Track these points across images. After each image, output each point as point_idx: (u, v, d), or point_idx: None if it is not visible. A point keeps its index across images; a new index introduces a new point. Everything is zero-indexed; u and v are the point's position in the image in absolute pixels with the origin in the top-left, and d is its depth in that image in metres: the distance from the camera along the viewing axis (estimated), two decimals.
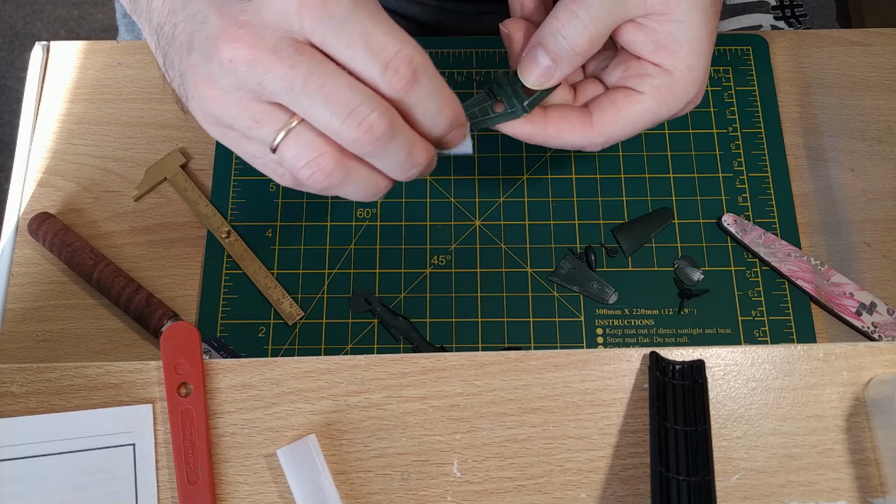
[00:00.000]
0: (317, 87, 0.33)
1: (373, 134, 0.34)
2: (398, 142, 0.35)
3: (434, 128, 0.37)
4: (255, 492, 0.43)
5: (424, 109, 0.36)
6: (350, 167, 0.36)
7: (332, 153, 0.35)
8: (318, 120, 0.34)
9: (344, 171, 0.35)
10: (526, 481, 0.43)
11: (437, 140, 0.38)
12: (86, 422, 0.44)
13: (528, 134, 0.43)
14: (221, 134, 0.37)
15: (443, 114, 0.36)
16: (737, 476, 0.44)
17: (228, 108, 0.35)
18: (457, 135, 0.38)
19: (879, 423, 0.44)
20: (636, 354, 0.46)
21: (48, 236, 0.55)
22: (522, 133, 0.43)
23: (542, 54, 0.41)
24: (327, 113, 0.34)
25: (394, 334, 0.55)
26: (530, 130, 0.42)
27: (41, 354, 0.54)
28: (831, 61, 0.63)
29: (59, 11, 1.57)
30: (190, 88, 0.36)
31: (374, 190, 0.37)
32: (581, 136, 0.42)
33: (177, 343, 0.44)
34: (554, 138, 0.42)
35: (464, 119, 0.38)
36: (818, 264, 0.56)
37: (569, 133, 0.42)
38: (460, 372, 0.45)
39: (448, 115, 0.37)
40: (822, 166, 0.60)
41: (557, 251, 0.57)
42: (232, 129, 0.37)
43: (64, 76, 0.62)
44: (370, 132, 0.34)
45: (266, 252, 0.57)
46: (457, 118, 0.37)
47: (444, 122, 0.37)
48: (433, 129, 0.37)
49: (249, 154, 0.37)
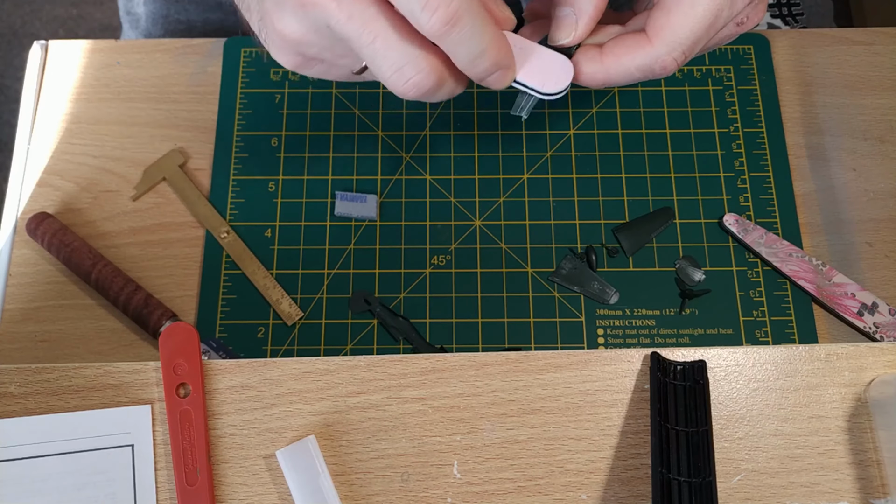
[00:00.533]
0: (368, 42, 0.35)
1: (418, 90, 0.36)
2: (444, 91, 0.37)
3: (475, 69, 0.37)
4: (254, 493, 0.43)
5: (464, 50, 0.35)
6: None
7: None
8: (374, 68, 0.36)
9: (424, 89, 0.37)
10: (526, 482, 0.43)
11: (479, 81, 0.38)
12: (84, 423, 0.44)
13: (586, 71, 0.40)
14: (308, 68, 0.40)
15: (485, 56, 0.36)
16: (738, 477, 0.43)
17: (310, 45, 0.38)
18: (501, 77, 0.38)
19: (881, 424, 0.44)
20: (637, 355, 0.45)
21: (46, 236, 0.55)
22: (582, 72, 0.40)
23: (560, 8, 0.40)
24: (378, 65, 0.36)
25: (394, 335, 0.55)
26: (588, 67, 0.40)
27: (39, 355, 0.54)
28: (833, 60, 0.62)
29: (58, 10, 1.56)
30: (270, 31, 0.38)
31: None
32: (642, 55, 0.39)
33: (175, 343, 0.44)
34: (615, 68, 0.40)
35: (509, 62, 0.38)
36: (820, 264, 0.56)
37: (628, 56, 0.40)
38: (460, 373, 0.45)
39: (491, 57, 0.36)
40: (824, 166, 0.59)
41: (558, 251, 0.57)
42: (319, 61, 0.39)
43: (62, 75, 0.62)
44: (416, 88, 0.36)
45: (265, 252, 0.57)
46: (500, 60, 0.37)
47: (485, 63, 0.36)
48: (474, 70, 0.37)
49: (338, 77, 0.41)
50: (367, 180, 0.59)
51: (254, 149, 0.60)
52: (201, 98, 0.61)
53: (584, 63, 0.41)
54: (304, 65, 0.40)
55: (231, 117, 0.61)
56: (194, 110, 0.61)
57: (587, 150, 0.60)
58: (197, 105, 0.61)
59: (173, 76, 0.62)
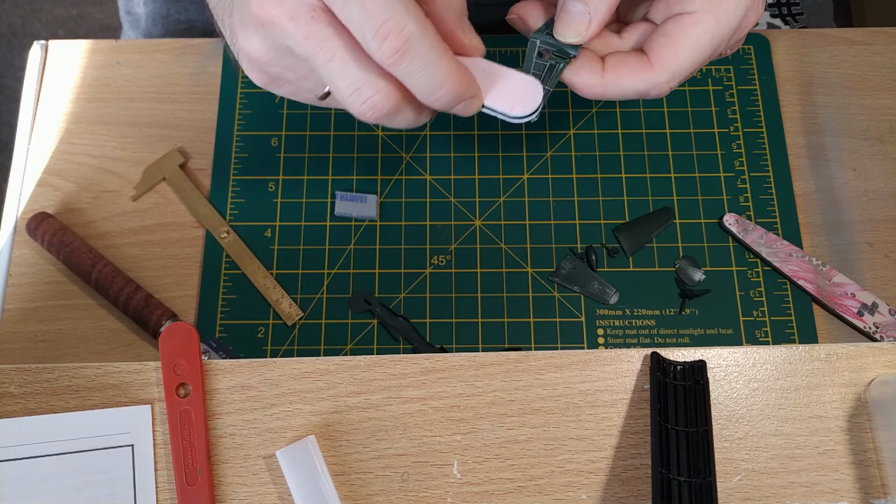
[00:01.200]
0: (325, 62, 0.35)
1: (376, 111, 0.36)
2: (404, 116, 0.37)
3: (434, 101, 0.36)
4: (254, 493, 0.43)
5: (420, 82, 0.35)
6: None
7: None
8: (331, 88, 0.36)
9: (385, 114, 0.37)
10: (526, 482, 0.43)
11: (444, 110, 0.37)
12: (84, 423, 0.44)
13: (586, 83, 0.40)
14: (276, 86, 0.40)
15: (444, 86, 0.35)
16: (738, 477, 0.43)
17: (272, 65, 0.38)
18: (466, 107, 0.37)
19: (881, 424, 0.44)
20: (637, 355, 0.45)
21: (46, 236, 0.55)
22: (582, 82, 0.40)
23: (572, 3, 0.39)
24: (335, 85, 0.35)
25: (394, 335, 0.55)
26: (588, 80, 0.40)
27: (39, 355, 0.54)
28: (833, 60, 0.62)
29: (58, 10, 1.56)
30: (238, 47, 0.39)
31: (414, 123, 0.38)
32: (642, 80, 0.40)
33: (175, 343, 0.44)
34: (614, 87, 0.40)
35: (472, 91, 0.37)
36: (820, 264, 0.56)
37: (628, 78, 0.40)
38: (460, 373, 0.45)
39: (450, 87, 0.35)
40: (824, 166, 0.59)
41: (558, 251, 0.57)
42: (285, 82, 0.39)
43: (62, 75, 0.62)
44: (373, 109, 0.36)
45: (265, 252, 0.57)
46: (461, 92, 0.36)
47: (444, 94, 0.35)
48: (433, 101, 0.36)
49: (306, 100, 0.41)
50: (367, 180, 0.59)
51: (254, 149, 0.60)
52: (201, 98, 0.61)
53: (586, 73, 0.40)
54: (272, 84, 0.40)
55: (231, 117, 0.61)
56: (194, 110, 0.61)
57: (587, 150, 0.60)
58: (197, 105, 0.61)
59: (173, 76, 0.62)
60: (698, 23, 0.39)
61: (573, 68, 0.40)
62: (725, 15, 0.39)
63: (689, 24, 0.39)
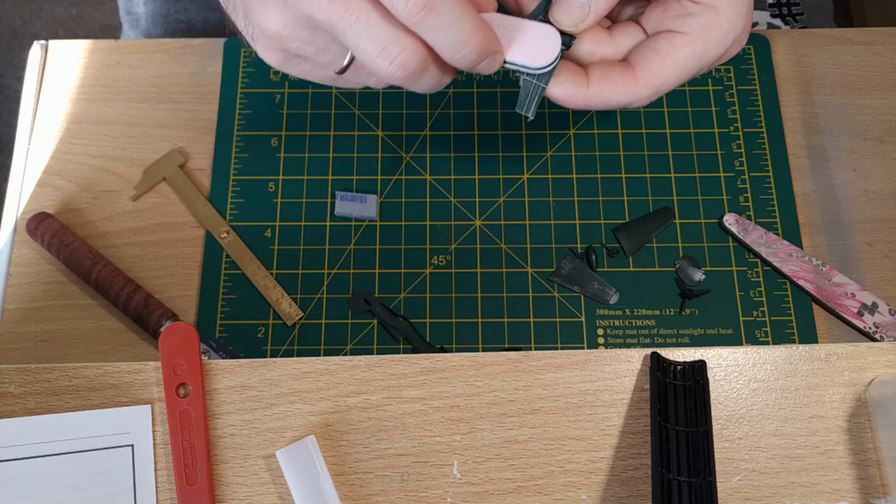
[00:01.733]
0: (351, 24, 0.34)
1: (405, 69, 0.36)
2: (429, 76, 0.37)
3: (459, 57, 0.36)
4: (254, 493, 0.43)
5: (444, 39, 0.35)
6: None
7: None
8: (358, 52, 0.36)
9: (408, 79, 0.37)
10: (526, 482, 0.43)
11: (467, 68, 0.37)
12: (84, 423, 0.44)
13: (569, 95, 0.40)
14: (292, 65, 0.40)
15: (469, 43, 0.35)
16: (738, 477, 0.43)
17: (291, 39, 0.37)
18: (489, 63, 0.37)
19: (881, 424, 0.44)
20: (637, 355, 0.45)
21: (46, 236, 0.55)
22: (565, 95, 0.40)
23: None
24: (362, 47, 0.35)
25: (393, 335, 0.55)
26: (572, 92, 0.40)
27: (39, 355, 0.54)
28: (833, 61, 0.62)
29: (58, 10, 1.56)
30: (254, 28, 0.38)
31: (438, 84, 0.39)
32: (625, 93, 0.40)
33: (175, 343, 0.44)
34: (597, 99, 0.40)
35: (495, 46, 0.37)
36: (820, 264, 0.56)
37: (612, 91, 0.40)
38: (460, 373, 0.45)
39: (474, 45, 0.35)
40: (824, 166, 0.59)
41: (558, 251, 0.57)
42: (302, 59, 0.39)
43: (62, 75, 0.62)
44: (403, 68, 0.35)
45: (265, 252, 0.57)
46: (485, 47, 0.36)
47: (470, 51, 0.35)
48: (458, 58, 0.36)
49: (321, 78, 0.41)
50: (367, 180, 0.59)
51: (254, 149, 0.60)
52: (201, 98, 0.61)
53: (570, 87, 0.40)
54: (288, 62, 0.40)
55: (231, 117, 0.61)
56: (194, 110, 0.61)
57: (587, 150, 0.60)
58: (197, 105, 0.61)
59: (173, 76, 0.62)
60: (688, 44, 0.40)
61: (556, 81, 0.40)
62: (714, 42, 0.40)
63: (680, 45, 0.40)
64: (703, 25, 0.39)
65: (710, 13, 0.39)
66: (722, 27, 0.40)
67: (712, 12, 0.39)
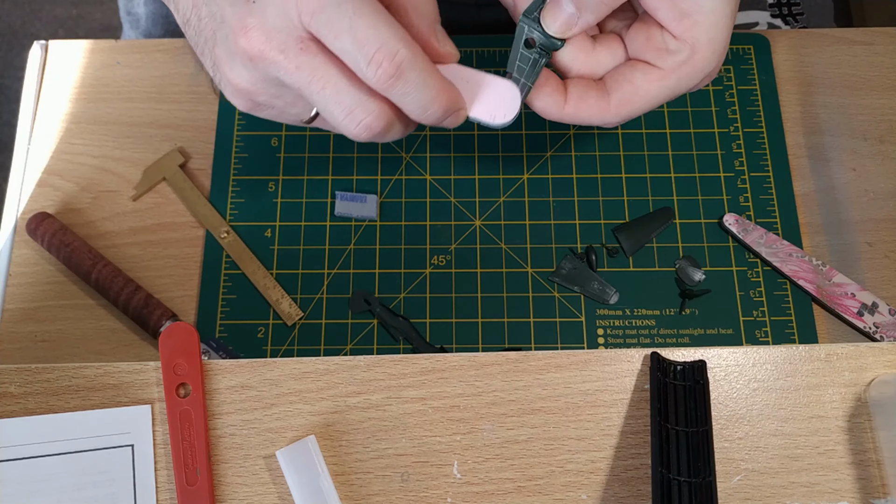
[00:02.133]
0: (318, 90, 0.36)
1: (371, 132, 0.37)
2: (394, 133, 0.39)
3: (425, 118, 0.37)
4: (254, 493, 0.43)
5: (412, 102, 0.36)
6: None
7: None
8: (325, 114, 0.37)
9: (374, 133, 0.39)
10: (526, 482, 0.43)
11: (432, 125, 0.39)
12: (84, 423, 0.44)
13: (547, 109, 0.42)
14: (259, 112, 0.41)
15: (434, 104, 0.37)
16: (738, 477, 0.43)
17: (259, 94, 0.39)
18: (453, 120, 0.39)
19: (881, 424, 0.44)
20: (637, 355, 0.45)
21: (46, 236, 0.55)
22: (543, 108, 0.42)
23: (566, 2, 0.40)
24: (329, 111, 0.37)
25: (393, 335, 0.55)
26: (550, 108, 0.42)
27: (39, 355, 0.54)
28: (833, 60, 0.62)
29: (58, 10, 1.56)
30: (222, 77, 0.39)
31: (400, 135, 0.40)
32: (598, 116, 0.42)
33: (175, 343, 0.44)
34: (571, 117, 0.42)
35: (459, 104, 0.38)
36: (820, 264, 0.56)
37: (585, 113, 0.42)
38: (460, 373, 0.45)
39: (441, 104, 0.37)
40: (824, 166, 0.59)
41: (558, 251, 0.57)
42: (269, 107, 0.40)
43: (62, 75, 0.62)
44: (368, 130, 0.37)
45: (265, 252, 0.57)
46: (449, 106, 0.38)
47: (435, 111, 0.37)
48: (425, 119, 0.38)
49: (289, 122, 0.42)
50: (367, 180, 0.59)
51: (254, 149, 0.60)
52: (201, 98, 0.61)
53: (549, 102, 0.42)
54: (256, 109, 0.41)
55: (231, 117, 0.61)
56: (194, 110, 0.61)
57: (587, 150, 0.60)
58: (197, 105, 0.61)
59: (173, 76, 0.62)
60: (662, 79, 0.41)
61: (538, 93, 0.42)
62: (686, 79, 0.41)
63: (654, 79, 0.41)
64: (678, 62, 0.41)
65: (687, 51, 0.41)
66: (696, 66, 0.41)
67: (689, 51, 0.41)
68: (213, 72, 0.41)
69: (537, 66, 0.41)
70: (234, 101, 0.41)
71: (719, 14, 0.40)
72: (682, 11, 0.40)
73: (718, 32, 0.40)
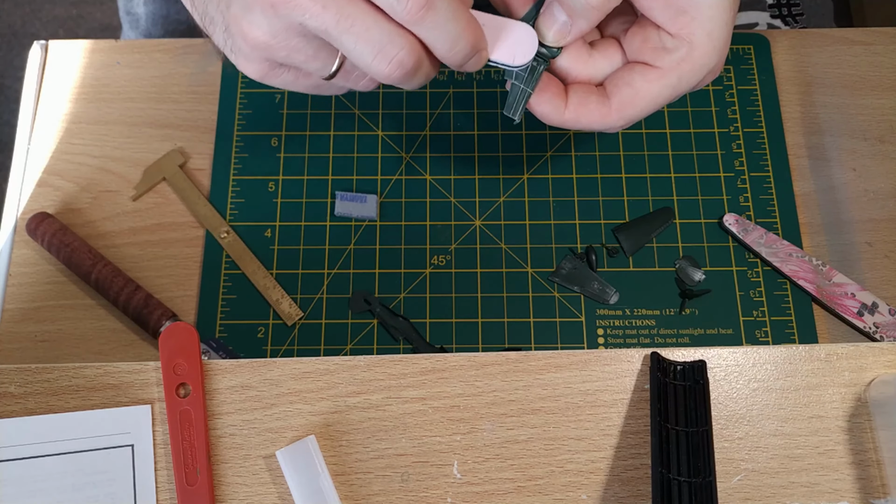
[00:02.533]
0: (347, 28, 0.35)
1: (403, 69, 0.36)
2: (422, 73, 0.37)
3: (452, 54, 0.37)
4: (254, 493, 0.43)
5: (440, 36, 0.36)
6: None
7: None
8: (354, 56, 0.36)
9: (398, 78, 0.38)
10: (526, 482, 0.43)
11: (457, 66, 0.38)
12: (84, 422, 0.44)
13: (548, 115, 0.42)
14: (275, 76, 0.40)
15: (462, 39, 0.36)
16: (738, 477, 0.43)
17: (280, 48, 0.37)
18: (477, 60, 0.38)
19: (881, 424, 0.44)
20: (637, 355, 0.45)
21: (46, 236, 0.55)
22: (543, 114, 0.42)
23: (558, 9, 0.40)
24: (359, 50, 0.35)
25: (393, 335, 0.55)
26: (551, 114, 0.42)
27: (39, 355, 0.54)
28: (833, 61, 0.62)
29: (58, 10, 1.56)
30: (237, 40, 0.38)
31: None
32: (599, 121, 0.42)
33: (175, 343, 0.44)
34: (572, 123, 0.42)
35: (483, 43, 0.38)
36: (820, 264, 0.56)
37: (586, 119, 0.42)
38: (460, 373, 0.45)
39: (467, 41, 0.36)
40: (824, 166, 0.59)
41: (558, 251, 0.57)
42: (286, 69, 0.39)
43: (62, 75, 0.62)
44: (400, 68, 0.36)
45: (265, 252, 0.57)
46: (476, 42, 0.37)
47: (462, 48, 0.37)
48: (451, 55, 0.37)
49: (304, 87, 0.41)
50: (367, 180, 0.59)
51: (254, 149, 0.60)
52: (201, 98, 0.61)
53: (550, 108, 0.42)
54: (271, 73, 0.40)
55: (231, 117, 0.61)
56: (194, 110, 0.61)
57: (587, 150, 0.60)
58: (197, 105, 0.61)
59: (173, 76, 0.62)
60: (661, 78, 0.41)
61: (539, 99, 0.42)
62: (688, 76, 0.41)
63: (653, 79, 0.41)
64: (677, 60, 0.40)
65: (685, 48, 0.40)
66: (696, 62, 0.40)
67: (687, 47, 0.40)
68: (226, 38, 0.40)
69: (536, 74, 0.41)
70: (248, 68, 0.39)
71: (716, 8, 0.39)
72: (677, 9, 0.39)
73: (716, 26, 0.40)
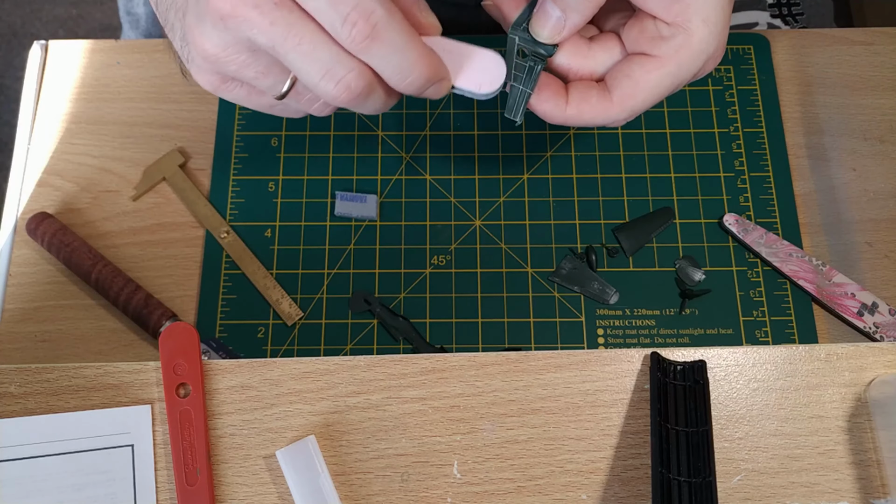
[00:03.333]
0: (294, 45, 0.34)
1: (350, 92, 0.35)
2: (375, 98, 0.36)
3: (405, 85, 0.36)
4: (254, 493, 0.43)
5: (390, 66, 0.35)
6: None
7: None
8: (302, 75, 0.35)
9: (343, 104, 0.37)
10: (526, 482, 0.43)
11: (414, 94, 0.37)
12: (84, 423, 0.44)
13: (549, 113, 0.41)
14: (227, 90, 0.39)
15: (415, 70, 0.35)
16: (738, 477, 0.43)
17: (229, 62, 0.36)
18: (436, 90, 0.37)
19: (881, 424, 0.44)
20: (637, 355, 0.45)
21: (46, 236, 0.55)
22: (545, 112, 0.42)
23: (551, 5, 0.39)
24: (306, 69, 0.34)
25: (393, 335, 0.55)
26: (553, 111, 0.41)
27: (39, 355, 0.54)
28: (833, 60, 0.62)
29: (58, 10, 1.56)
30: (191, 49, 0.37)
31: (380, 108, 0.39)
32: (602, 116, 0.41)
33: (175, 343, 0.44)
34: (575, 120, 0.42)
35: (441, 73, 0.37)
36: (820, 264, 0.56)
37: (589, 114, 0.41)
38: (460, 373, 0.45)
39: (421, 71, 0.35)
40: (824, 166, 0.59)
41: (558, 251, 0.57)
42: (238, 84, 0.39)
43: (62, 76, 0.62)
44: (348, 91, 0.35)
45: (265, 252, 0.57)
46: (431, 75, 0.36)
47: (416, 79, 0.36)
48: (405, 86, 0.36)
49: (258, 105, 0.40)
50: (367, 180, 0.59)
51: (254, 149, 0.60)
52: (201, 98, 0.61)
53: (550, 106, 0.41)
54: (223, 87, 0.39)
55: (231, 117, 0.61)
56: (194, 110, 0.61)
57: (587, 150, 0.60)
58: (197, 105, 0.61)
59: (173, 76, 0.62)
60: (661, 67, 0.40)
61: (539, 97, 0.41)
62: (687, 64, 0.40)
63: (652, 69, 0.40)
64: (674, 48, 0.40)
65: (681, 35, 0.40)
66: (693, 48, 0.40)
67: (684, 34, 0.40)
68: (182, 46, 0.39)
69: (534, 73, 0.41)
70: (200, 79, 0.39)
71: None
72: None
73: (712, 12, 0.39)
